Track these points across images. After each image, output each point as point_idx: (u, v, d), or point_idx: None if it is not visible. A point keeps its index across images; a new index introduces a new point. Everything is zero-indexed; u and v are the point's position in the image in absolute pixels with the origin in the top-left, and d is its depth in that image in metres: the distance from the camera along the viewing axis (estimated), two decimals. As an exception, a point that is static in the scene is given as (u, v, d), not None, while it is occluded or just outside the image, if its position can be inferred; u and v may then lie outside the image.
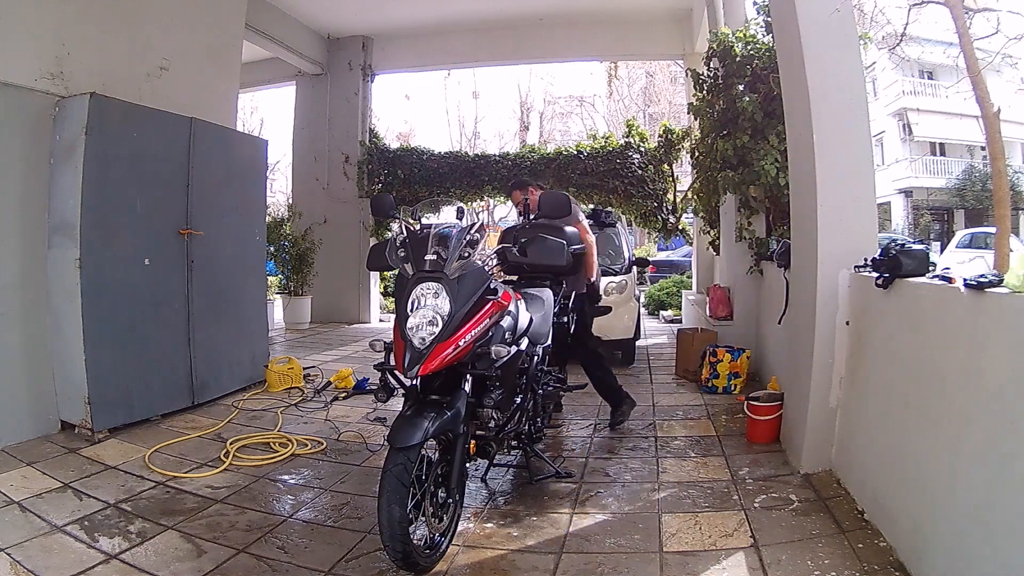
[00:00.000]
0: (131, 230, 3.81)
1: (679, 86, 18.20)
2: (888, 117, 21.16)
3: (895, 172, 20.96)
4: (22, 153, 3.53)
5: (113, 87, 3.87)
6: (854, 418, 2.82)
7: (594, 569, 2.26)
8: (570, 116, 25.77)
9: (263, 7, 7.30)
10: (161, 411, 4.01)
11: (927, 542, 2.04)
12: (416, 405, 2.25)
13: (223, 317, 4.52)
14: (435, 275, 2.25)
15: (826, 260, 2.94)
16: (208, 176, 4.32)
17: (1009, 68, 12.47)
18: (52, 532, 2.46)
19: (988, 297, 1.80)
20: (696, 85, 5.44)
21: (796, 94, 3.19)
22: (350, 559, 2.34)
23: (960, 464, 1.90)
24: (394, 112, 26.58)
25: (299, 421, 4.09)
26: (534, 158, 8.97)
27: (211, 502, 2.82)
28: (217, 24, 5.09)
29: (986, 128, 8.17)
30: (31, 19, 3.61)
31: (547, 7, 8.10)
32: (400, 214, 2.65)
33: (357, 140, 9.01)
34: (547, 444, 3.55)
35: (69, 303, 3.53)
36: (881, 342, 2.61)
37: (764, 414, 3.51)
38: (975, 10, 8.38)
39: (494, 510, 2.79)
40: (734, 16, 5.68)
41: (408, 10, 8.19)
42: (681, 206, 8.52)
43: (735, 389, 4.60)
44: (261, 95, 18.60)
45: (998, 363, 1.74)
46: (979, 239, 13.80)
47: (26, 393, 3.53)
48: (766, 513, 2.65)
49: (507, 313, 2.59)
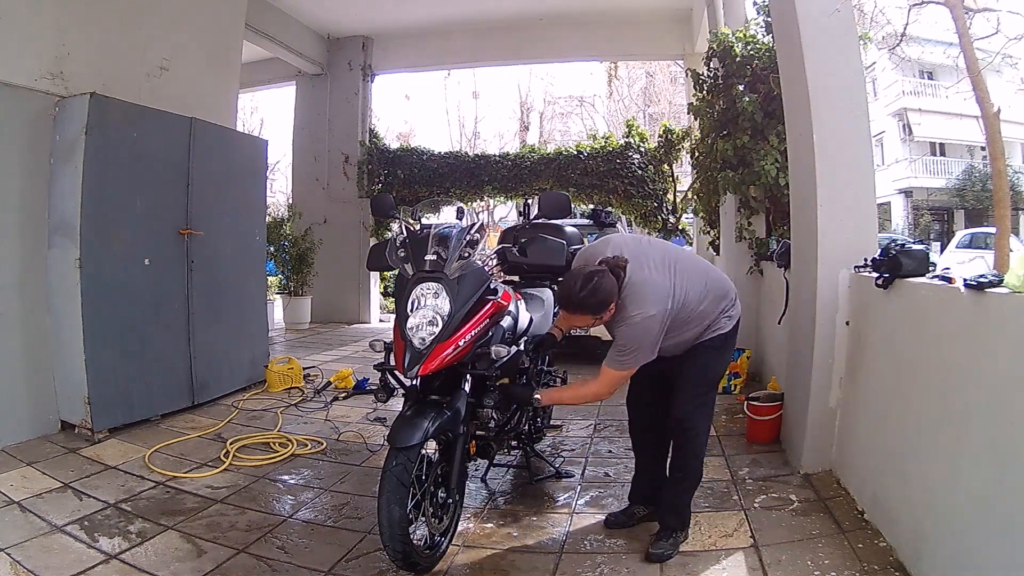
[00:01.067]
0: (131, 230, 3.81)
1: (679, 86, 18.19)
2: (888, 117, 21.16)
3: (895, 172, 20.96)
4: (22, 153, 3.53)
5: (113, 87, 3.87)
6: (854, 418, 2.82)
7: (594, 569, 2.26)
8: (570, 116, 25.75)
9: (263, 7, 7.30)
10: (161, 411, 4.00)
11: (927, 542, 2.04)
12: (416, 405, 2.25)
13: (223, 317, 4.52)
14: (435, 275, 2.25)
15: (826, 260, 2.94)
16: (208, 176, 4.32)
17: (1009, 68, 12.48)
18: (52, 532, 2.46)
19: (988, 297, 1.80)
20: (696, 85, 5.44)
21: (796, 94, 3.19)
22: (350, 559, 2.35)
23: (960, 464, 1.90)
24: (394, 112, 26.52)
25: (299, 421, 4.09)
26: (534, 158, 8.97)
27: (211, 502, 2.82)
28: (217, 24, 5.08)
29: (986, 128, 8.18)
30: (31, 19, 3.61)
31: (547, 7, 8.10)
32: (400, 214, 2.65)
33: (357, 140, 9.00)
34: (547, 444, 3.56)
35: (69, 303, 3.53)
36: (881, 342, 2.61)
37: (764, 414, 3.51)
38: (975, 10, 8.39)
39: (494, 510, 2.79)
40: (734, 16, 5.68)
41: (408, 10, 8.19)
42: (681, 206, 8.52)
43: (735, 389, 4.60)
44: (261, 95, 18.57)
45: (998, 363, 1.74)
46: (979, 239, 13.81)
47: (26, 393, 3.53)
48: (766, 513, 2.65)
49: (507, 313, 2.59)
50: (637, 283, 2.20)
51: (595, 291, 2.13)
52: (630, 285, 2.20)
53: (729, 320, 2.38)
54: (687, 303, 2.26)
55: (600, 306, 2.17)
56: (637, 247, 2.33)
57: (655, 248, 2.38)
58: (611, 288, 2.15)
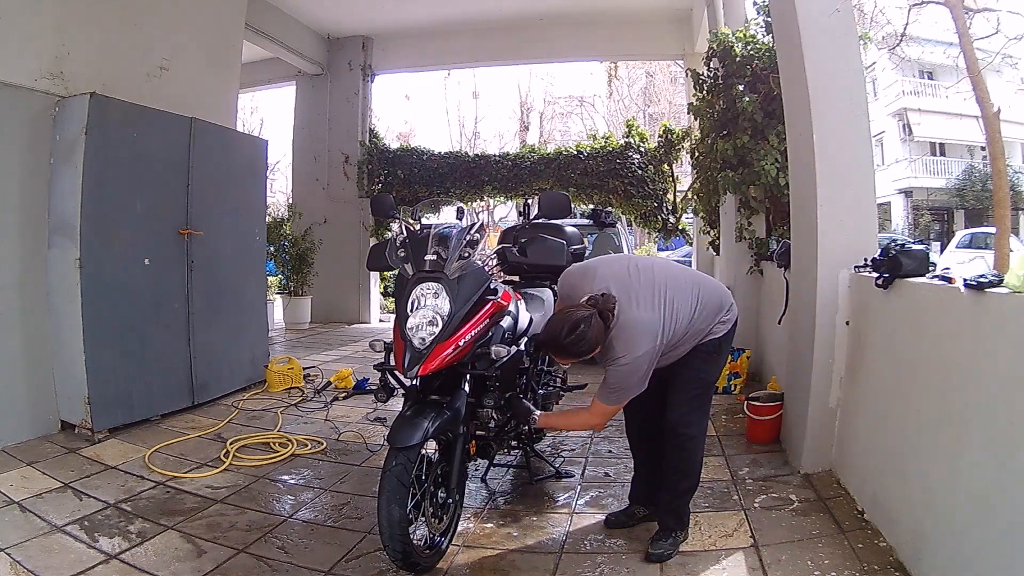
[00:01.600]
0: (131, 230, 3.81)
1: (679, 86, 18.20)
2: (888, 117, 21.17)
3: (895, 172, 20.96)
4: (22, 153, 3.53)
5: (113, 87, 3.87)
6: (854, 418, 2.82)
7: (594, 569, 2.26)
8: (570, 116, 25.76)
9: (263, 7, 7.29)
10: (161, 411, 4.01)
11: (927, 542, 2.04)
12: (416, 405, 2.24)
13: (223, 317, 4.52)
14: (435, 275, 2.25)
15: (826, 260, 2.94)
16: (208, 176, 4.32)
17: (1009, 68, 12.49)
18: (52, 532, 2.46)
19: (988, 297, 1.80)
20: (696, 85, 5.44)
21: (796, 94, 3.19)
22: (350, 559, 2.35)
23: (960, 464, 1.90)
24: (394, 112, 26.56)
25: (299, 421, 4.09)
26: (534, 158, 8.96)
27: (211, 502, 2.82)
28: (217, 24, 5.08)
29: (986, 128, 8.19)
30: (31, 19, 3.61)
31: (547, 7, 8.09)
32: (400, 214, 2.65)
33: (357, 140, 9.00)
34: (547, 444, 3.56)
35: (69, 303, 3.53)
36: (881, 342, 2.61)
37: (764, 414, 3.51)
38: (975, 10, 8.40)
39: (494, 510, 2.79)
40: (734, 16, 5.68)
41: (408, 10, 8.19)
42: (681, 206, 8.51)
43: (735, 389, 4.60)
44: (261, 95, 18.59)
45: (998, 363, 1.74)
46: (979, 239, 13.83)
47: (26, 393, 3.53)
48: (766, 513, 2.65)
49: (507, 313, 2.59)
50: (625, 325, 2.18)
51: (581, 338, 2.11)
52: (618, 327, 2.18)
53: (724, 325, 2.37)
54: (678, 330, 2.24)
55: (585, 352, 2.15)
56: (626, 280, 2.26)
57: (643, 276, 2.29)
58: (597, 336, 2.13)
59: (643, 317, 2.19)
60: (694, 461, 2.40)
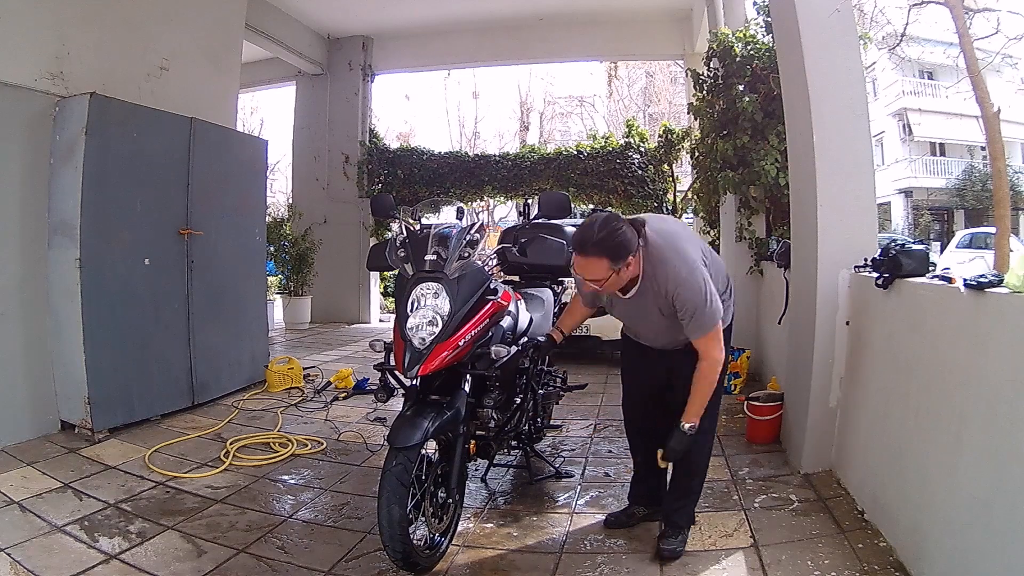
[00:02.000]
0: (131, 230, 3.81)
1: (679, 86, 18.20)
2: (888, 117, 21.16)
3: (895, 172, 20.96)
4: (22, 153, 3.52)
5: (113, 87, 3.87)
6: (854, 418, 2.82)
7: (594, 569, 2.26)
8: (570, 116, 25.76)
9: (263, 7, 7.29)
10: (161, 411, 4.00)
11: (927, 542, 2.04)
12: (416, 405, 2.24)
13: (223, 317, 4.52)
14: (435, 275, 2.25)
15: (826, 260, 2.94)
16: (208, 176, 4.32)
17: (1009, 68, 12.48)
18: (52, 532, 2.46)
19: (988, 297, 1.80)
20: (696, 85, 5.45)
21: (796, 94, 3.19)
22: (350, 559, 2.35)
23: (960, 464, 1.90)
24: (394, 112, 26.57)
25: (299, 421, 4.09)
26: (534, 158, 8.97)
27: (211, 502, 2.82)
28: (217, 24, 5.08)
29: (986, 128, 8.19)
30: (31, 19, 3.60)
31: (547, 7, 8.10)
32: (400, 214, 2.65)
33: (357, 140, 9.00)
34: (547, 444, 3.55)
35: (69, 303, 3.53)
36: (881, 342, 2.61)
37: (764, 414, 3.51)
38: (975, 10, 8.40)
39: (494, 510, 2.79)
40: (734, 16, 5.68)
41: (408, 10, 8.19)
42: (681, 206, 8.52)
43: (735, 389, 4.60)
44: (261, 95, 18.58)
45: (998, 363, 1.74)
46: (979, 239, 13.82)
47: (26, 393, 3.53)
48: (766, 513, 2.65)
49: (507, 313, 2.59)
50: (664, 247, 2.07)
51: (614, 233, 1.93)
52: (659, 251, 2.05)
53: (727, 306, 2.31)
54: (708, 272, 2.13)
55: (618, 250, 1.94)
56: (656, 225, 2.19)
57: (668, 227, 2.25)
58: (631, 236, 1.97)
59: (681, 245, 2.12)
60: (704, 458, 2.40)
